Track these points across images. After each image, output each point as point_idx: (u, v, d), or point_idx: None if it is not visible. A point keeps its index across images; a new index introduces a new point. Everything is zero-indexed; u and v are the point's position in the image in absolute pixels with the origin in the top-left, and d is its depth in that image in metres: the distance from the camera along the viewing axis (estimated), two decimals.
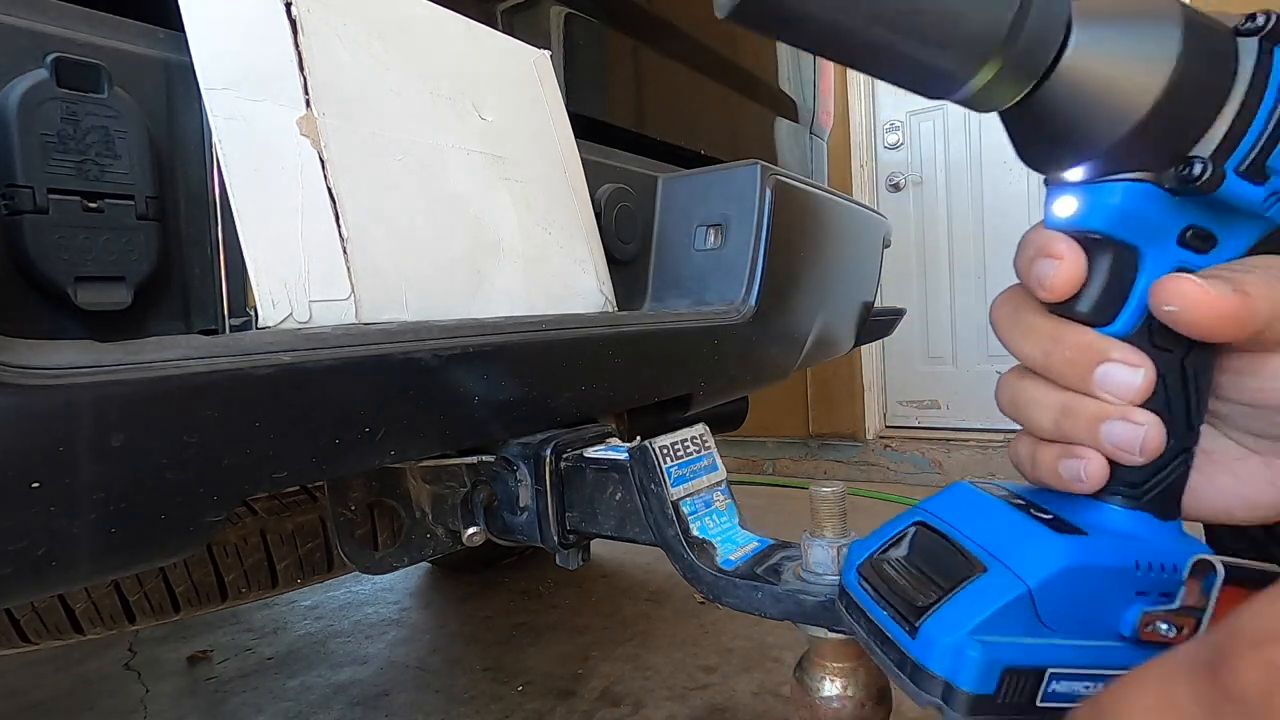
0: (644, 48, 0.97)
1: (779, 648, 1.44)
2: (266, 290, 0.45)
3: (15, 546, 0.32)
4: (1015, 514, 0.31)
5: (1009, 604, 0.28)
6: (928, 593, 0.30)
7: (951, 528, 0.32)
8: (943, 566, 0.31)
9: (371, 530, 0.66)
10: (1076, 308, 0.30)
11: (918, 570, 0.32)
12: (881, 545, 0.35)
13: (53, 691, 1.45)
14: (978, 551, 0.30)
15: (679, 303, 0.89)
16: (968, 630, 0.28)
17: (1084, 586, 0.29)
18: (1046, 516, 0.31)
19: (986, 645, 0.27)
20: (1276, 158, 0.26)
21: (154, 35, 0.45)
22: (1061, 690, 0.28)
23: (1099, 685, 0.28)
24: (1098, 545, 0.29)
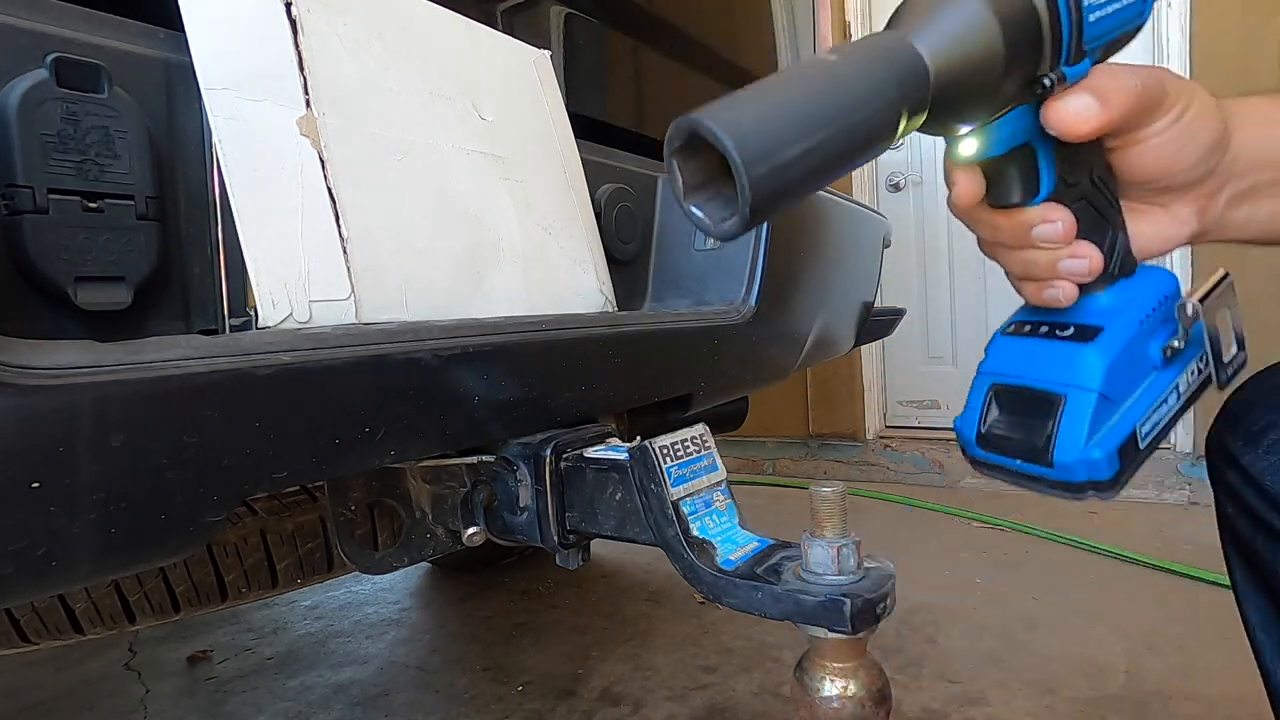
0: (644, 48, 0.97)
1: (779, 648, 1.44)
2: (266, 290, 0.45)
3: (15, 546, 0.32)
4: (1051, 344, 0.42)
5: (1094, 410, 0.39)
6: (1039, 434, 0.41)
7: (1018, 378, 0.43)
8: (1034, 410, 0.41)
9: (371, 530, 0.66)
10: (1010, 200, 0.40)
11: (1019, 421, 0.42)
12: (980, 417, 0.44)
13: (53, 691, 1.44)
14: (1050, 386, 0.41)
15: (679, 303, 0.89)
16: (1083, 444, 0.39)
17: (1123, 361, 0.40)
18: (1069, 332, 0.41)
19: (1100, 444, 0.39)
20: (1086, 38, 0.35)
21: (154, 35, 0.45)
22: (1147, 429, 0.41)
23: (1165, 407, 0.42)
24: (1115, 330, 0.40)
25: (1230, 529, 0.55)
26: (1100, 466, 0.39)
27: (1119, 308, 0.41)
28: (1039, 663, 1.34)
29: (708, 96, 0.31)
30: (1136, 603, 1.58)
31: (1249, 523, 0.52)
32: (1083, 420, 0.39)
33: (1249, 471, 0.51)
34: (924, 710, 1.20)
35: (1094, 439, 0.39)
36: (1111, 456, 0.39)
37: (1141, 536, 2.00)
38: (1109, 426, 0.40)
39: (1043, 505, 2.37)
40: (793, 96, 0.30)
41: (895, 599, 0.43)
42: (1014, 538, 2.08)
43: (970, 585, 1.73)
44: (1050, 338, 0.42)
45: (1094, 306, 0.42)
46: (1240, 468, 0.52)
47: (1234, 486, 0.53)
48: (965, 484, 2.66)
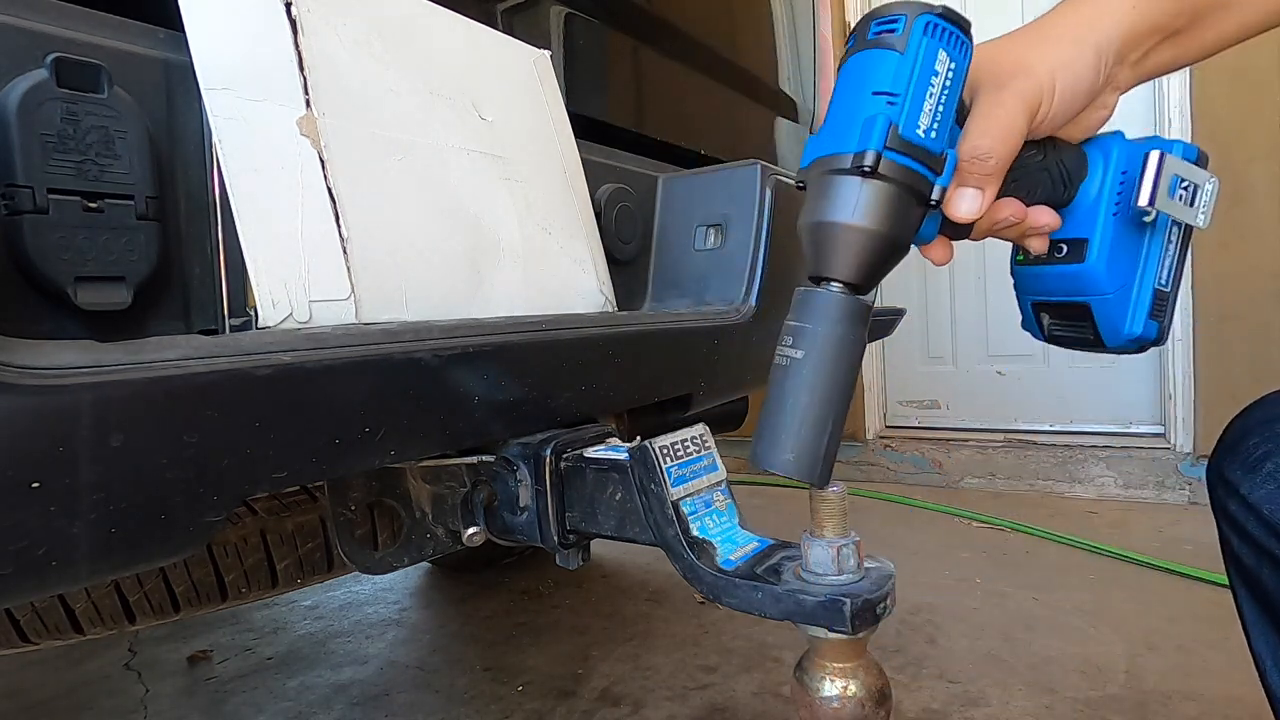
0: (644, 48, 0.97)
1: (779, 648, 1.44)
2: (266, 290, 0.45)
3: (15, 546, 0.32)
4: (1056, 268, 0.50)
5: (1115, 305, 0.48)
6: (1087, 331, 0.50)
7: (1048, 296, 0.51)
8: (1073, 315, 0.50)
9: (371, 530, 0.66)
10: (966, 234, 0.47)
11: (1068, 324, 0.51)
12: (1038, 326, 0.54)
13: (53, 691, 1.44)
14: (1073, 298, 0.49)
15: (679, 303, 0.89)
16: (1123, 330, 0.48)
17: (1117, 253, 0.47)
18: (1064, 253, 0.49)
19: (1134, 322, 0.48)
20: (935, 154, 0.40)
21: (154, 35, 0.45)
22: (1165, 277, 0.49)
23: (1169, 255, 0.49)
24: (1098, 236, 0.47)
25: (1235, 560, 0.55)
26: (1144, 334, 0.48)
27: (1091, 208, 0.48)
28: (1039, 663, 1.34)
29: (707, 96, 0.32)
30: (1136, 603, 1.58)
31: (1252, 553, 0.52)
32: (1111, 315, 0.48)
33: (1249, 500, 0.51)
34: (924, 710, 1.20)
35: (1128, 322, 0.48)
36: (1148, 323, 0.48)
37: (1141, 536, 2.00)
38: (1134, 303, 0.48)
39: (1043, 505, 2.37)
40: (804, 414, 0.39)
41: (895, 599, 0.43)
42: (1014, 538, 2.08)
43: (970, 585, 1.73)
44: (1053, 262, 0.50)
45: (1073, 218, 0.48)
46: (1240, 497, 0.52)
47: (1236, 517, 0.53)
48: (965, 484, 2.66)
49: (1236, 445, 0.54)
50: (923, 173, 0.39)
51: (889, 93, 0.39)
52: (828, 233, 0.40)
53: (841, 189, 0.40)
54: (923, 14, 0.39)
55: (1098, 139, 0.49)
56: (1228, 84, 2.17)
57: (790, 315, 0.41)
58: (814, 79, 1.41)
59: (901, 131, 0.38)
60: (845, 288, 0.40)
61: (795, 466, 0.39)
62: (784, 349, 0.41)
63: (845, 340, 0.40)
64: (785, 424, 0.40)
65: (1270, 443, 0.51)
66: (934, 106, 0.39)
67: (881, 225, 0.39)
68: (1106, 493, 2.43)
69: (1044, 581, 1.73)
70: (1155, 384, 2.46)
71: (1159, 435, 2.44)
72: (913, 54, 0.39)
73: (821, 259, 0.41)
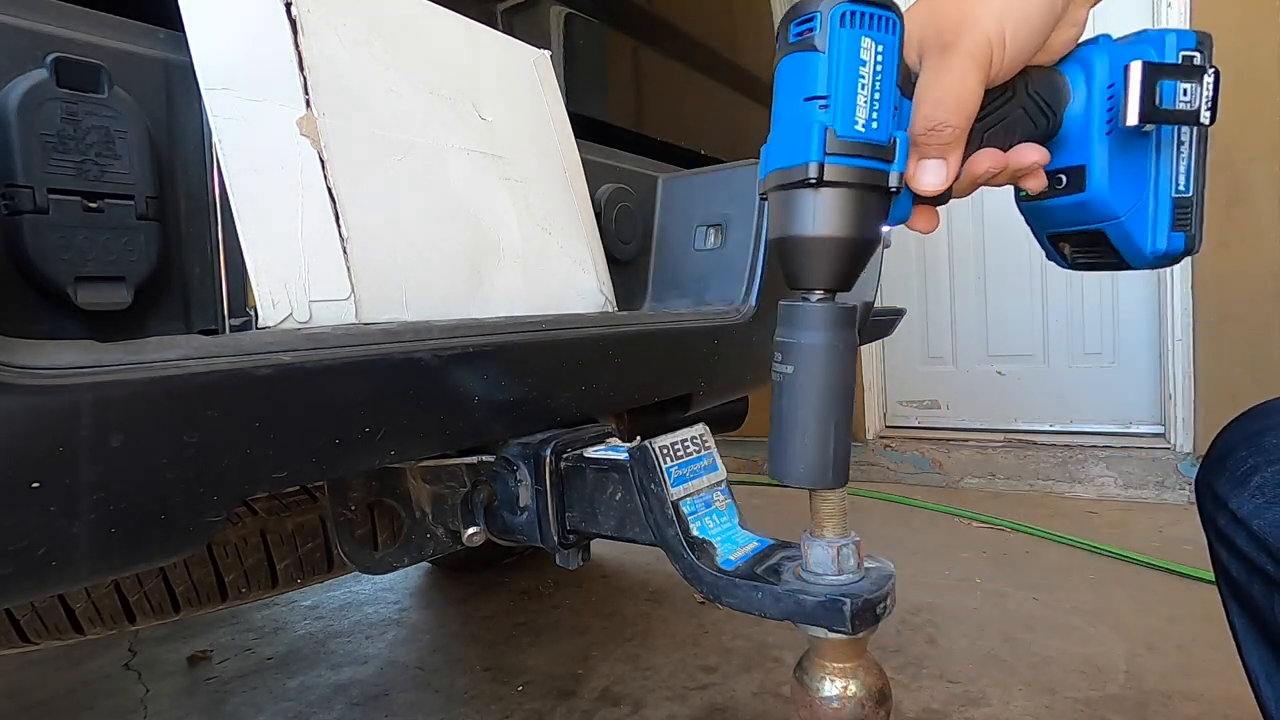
0: (644, 48, 0.97)
1: (779, 648, 1.44)
2: (266, 290, 0.45)
3: (15, 546, 0.32)
4: (1061, 201, 0.47)
5: (1130, 227, 0.46)
6: (1111, 255, 0.48)
7: (1062, 227, 0.49)
8: (1094, 241, 0.48)
9: (371, 530, 0.66)
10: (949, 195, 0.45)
11: (1091, 249, 0.49)
12: (1060, 256, 0.52)
13: (53, 691, 1.44)
14: (1088, 227, 0.48)
15: (679, 303, 0.89)
16: (1147, 248, 0.46)
17: (1119, 172, 0.45)
18: (1064, 184, 0.46)
19: (1156, 238, 0.46)
20: (885, 143, 0.39)
21: (154, 35, 0.45)
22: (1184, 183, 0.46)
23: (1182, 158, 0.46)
24: (1093, 159, 0.45)
25: (1225, 574, 0.55)
26: (1170, 249, 0.46)
27: (1082, 132, 0.45)
28: (1039, 663, 1.34)
29: (707, 96, 0.32)
30: (1136, 603, 1.58)
31: (1242, 567, 0.52)
32: (1129, 237, 0.46)
33: (1237, 515, 0.51)
34: (924, 710, 1.20)
35: (1149, 240, 0.46)
36: (1172, 236, 0.46)
37: (1141, 536, 2.00)
38: (1152, 219, 0.46)
39: (1043, 505, 2.37)
40: (804, 426, 0.40)
41: (895, 599, 0.43)
42: (1014, 538, 2.07)
43: (970, 585, 1.73)
44: (1056, 196, 0.47)
45: (1065, 146, 0.46)
46: (1229, 511, 0.52)
47: (1224, 530, 0.53)
48: (965, 484, 2.66)
49: (1224, 459, 0.54)
50: (873, 166, 0.39)
51: (819, 96, 0.38)
52: (793, 246, 0.40)
53: (796, 203, 0.39)
54: (836, 6, 0.37)
55: (1076, 54, 0.45)
56: (1228, 84, 2.16)
57: (777, 330, 0.41)
58: None
59: (839, 133, 0.37)
60: (824, 294, 0.41)
61: (807, 476, 0.40)
62: (776, 365, 0.41)
63: (831, 347, 0.40)
64: (790, 438, 0.41)
65: (1257, 456, 0.51)
66: (868, 98, 0.38)
67: (842, 230, 0.39)
68: (1106, 493, 2.43)
69: (1044, 581, 1.73)
70: (1155, 384, 2.46)
71: (1159, 435, 2.44)
72: (835, 50, 0.37)
73: (793, 272, 0.41)
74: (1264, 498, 0.49)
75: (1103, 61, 0.44)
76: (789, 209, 0.40)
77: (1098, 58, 0.44)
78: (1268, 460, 0.50)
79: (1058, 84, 0.45)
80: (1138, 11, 2.40)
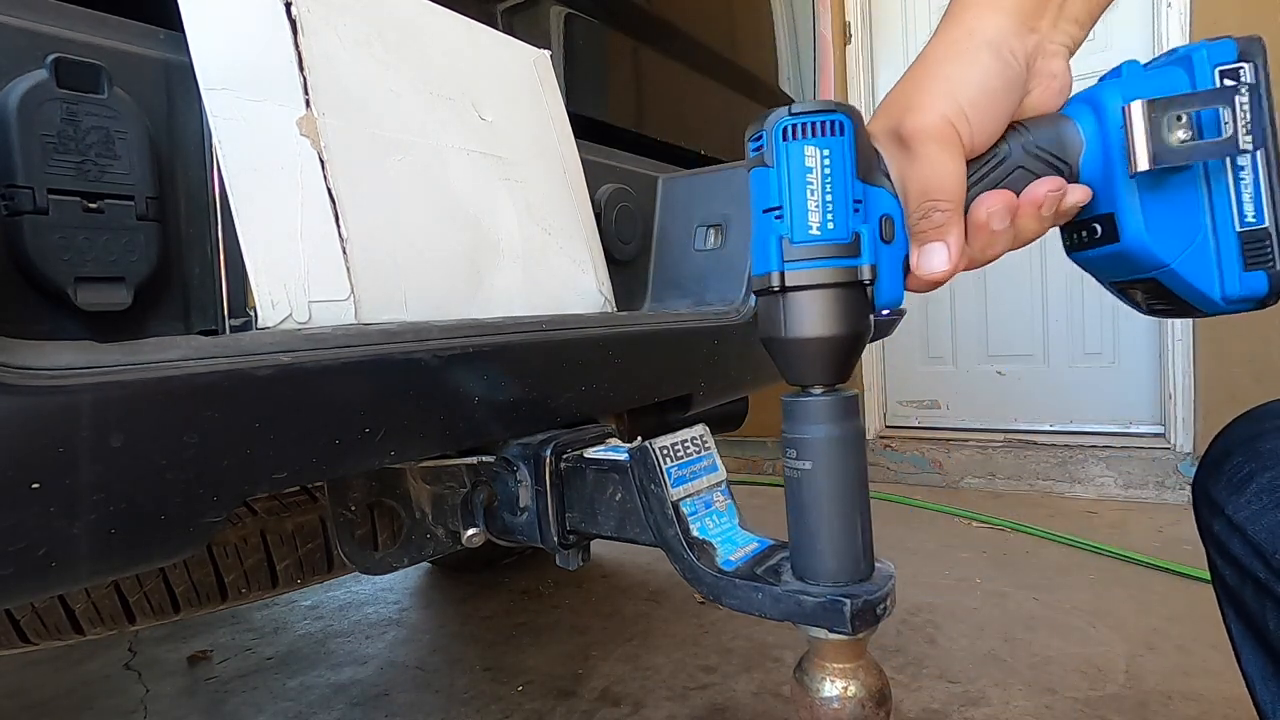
0: (644, 48, 0.97)
1: (779, 648, 1.44)
2: (266, 291, 0.45)
3: (15, 546, 0.32)
4: (1100, 252, 0.44)
5: (1186, 274, 0.41)
6: (1178, 303, 0.43)
7: (1114, 278, 0.46)
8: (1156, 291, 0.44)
9: (371, 530, 0.66)
10: None
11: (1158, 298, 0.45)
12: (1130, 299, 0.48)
13: (53, 691, 1.44)
14: (1140, 275, 0.43)
15: (679, 303, 0.89)
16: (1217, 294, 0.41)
17: (1159, 214, 0.40)
18: (1099, 235, 0.43)
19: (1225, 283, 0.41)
20: None
21: (154, 35, 0.45)
22: (1252, 215, 0.40)
23: (1243, 184, 0.40)
24: (1122, 206, 0.41)
25: (1220, 580, 0.55)
26: (1247, 292, 0.40)
27: (1104, 179, 0.41)
28: (1039, 663, 1.34)
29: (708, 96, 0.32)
30: (1136, 603, 1.58)
31: (1236, 573, 0.52)
32: (1188, 284, 0.41)
33: (1233, 520, 0.51)
34: (924, 710, 1.20)
35: (1215, 285, 0.40)
36: (1246, 277, 0.40)
37: (1141, 536, 2.00)
38: (1215, 262, 0.40)
39: (1042, 505, 2.37)
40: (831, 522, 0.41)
41: (895, 599, 0.43)
42: (1014, 538, 2.07)
43: (970, 585, 1.73)
44: (1094, 246, 0.43)
45: (1091, 187, 0.42)
46: (1225, 517, 0.52)
47: (1220, 537, 0.53)
48: (965, 484, 2.66)
49: (1220, 464, 0.53)
50: (837, 264, 0.39)
51: (775, 208, 0.40)
52: (776, 348, 0.41)
53: (770, 309, 0.41)
54: (778, 122, 0.39)
55: (1086, 93, 0.42)
56: None
57: (785, 426, 0.42)
58: (814, 79, 1.41)
59: (794, 240, 0.39)
60: (824, 389, 0.41)
61: (841, 574, 0.41)
62: (791, 462, 0.41)
63: (846, 439, 0.40)
64: (818, 535, 0.41)
65: (1254, 461, 0.51)
66: (819, 202, 0.39)
67: (816, 330, 0.40)
68: (1106, 493, 2.43)
69: (1044, 581, 1.73)
70: (1155, 384, 2.46)
71: (1159, 435, 2.44)
72: (780, 163, 0.39)
73: (788, 370, 0.42)
74: (1260, 504, 0.49)
75: (1115, 99, 0.40)
76: (766, 314, 0.41)
77: (1109, 96, 0.40)
78: (1264, 466, 0.50)
79: (1063, 132, 0.42)
80: (1138, 11, 2.40)
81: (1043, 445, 2.55)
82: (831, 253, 0.39)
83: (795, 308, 0.40)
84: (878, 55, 2.93)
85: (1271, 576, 0.48)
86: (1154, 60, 0.42)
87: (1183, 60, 0.40)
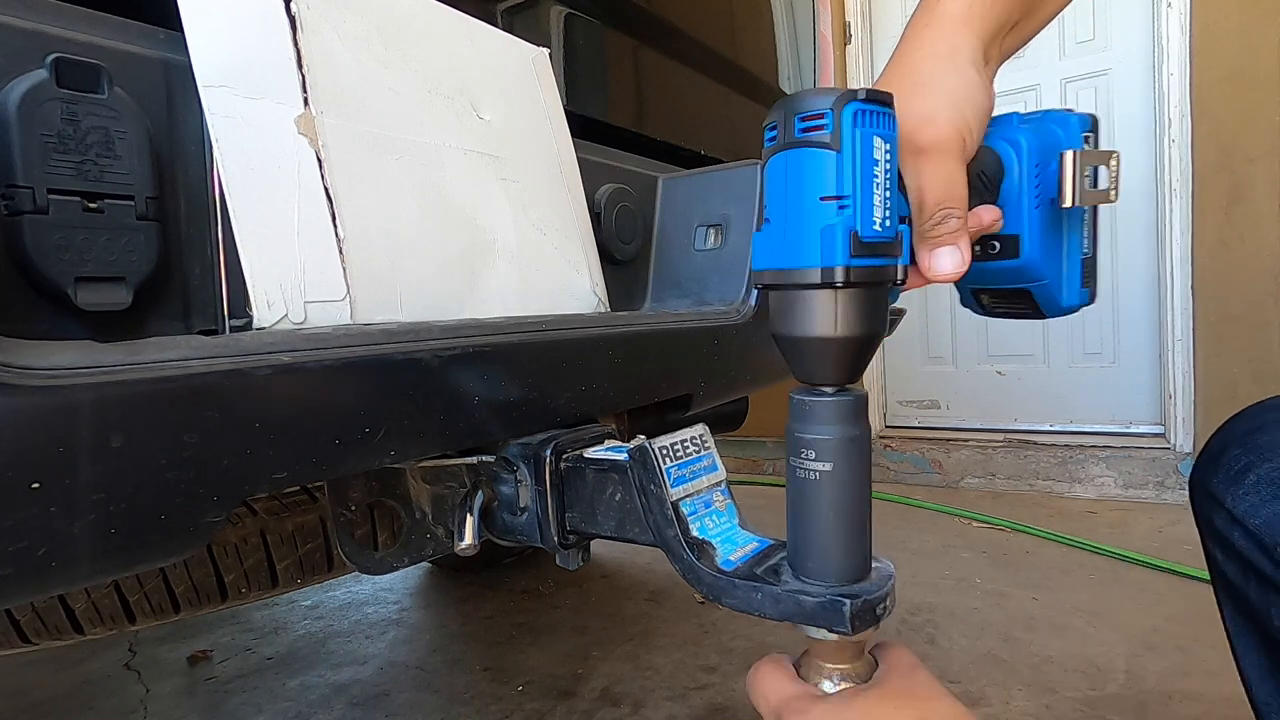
0: (644, 48, 0.97)
1: (779, 648, 1.44)
2: (262, 291, 0.45)
3: (15, 546, 0.32)
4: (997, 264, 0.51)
5: (1051, 288, 0.51)
6: (1030, 307, 0.53)
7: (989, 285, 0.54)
8: (1017, 298, 0.53)
9: (371, 530, 0.66)
10: None
11: (1012, 303, 0.54)
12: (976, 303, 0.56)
13: (53, 691, 1.44)
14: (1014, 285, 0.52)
15: (679, 303, 0.89)
16: (1062, 303, 0.52)
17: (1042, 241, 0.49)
18: (997, 250, 0.50)
19: (1070, 295, 0.52)
20: None
21: (154, 35, 0.45)
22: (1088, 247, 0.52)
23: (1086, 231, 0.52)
24: (1026, 230, 0.49)
25: (1220, 575, 0.55)
26: (1080, 302, 0.52)
27: (1015, 204, 0.49)
28: (1039, 663, 1.34)
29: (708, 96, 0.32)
30: (1136, 603, 1.58)
31: (1238, 568, 0.52)
32: (1049, 295, 0.51)
33: (1233, 513, 0.51)
34: None
35: (1065, 296, 0.51)
36: (1081, 292, 0.52)
37: (1141, 536, 2.00)
38: (1067, 279, 0.51)
39: (1043, 505, 2.37)
40: (851, 523, 0.41)
41: (895, 599, 0.43)
42: (1014, 538, 2.07)
43: (970, 585, 1.73)
44: (991, 259, 0.51)
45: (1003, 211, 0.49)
46: (1225, 510, 0.52)
47: (1220, 530, 0.53)
48: (965, 484, 2.66)
49: (1218, 458, 0.54)
50: (886, 264, 0.39)
51: (837, 196, 0.37)
52: (813, 347, 0.40)
53: (816, 305, 0.39)
54: (849, 103, 0.37)
55: (1004, 132, 0.49)
56: (1228, 84, 2.17)
57: (797, 425, 0.41)
58: (814, 79, 1.41)
59: (862, 236, 0.37)
60: (840, 390, 0.41)
61: (848, 574, 0.41)
62: (806, 462, 0.41)
63: (862, 440, 0.41)
64: (830, 537, 0.41)
65: (1252, 454, 0.51)
66: (883, 198, 0.38)
67: (862, 329, 0.39)
68: (1106, 493, 2.43)
69: (1044, 581, 1.73)
70: (1155, 384, 2.46)
71: (1159, 435, 2.44)
72: (850, 150, 0.37)
73: (810, 370, 0.41)
74: (1259, 495, 0.49)
75: (1029, 140, 0.48)
76: (808, 309, 0.39)
77: (1024, 137, 0.48)
78: (1262, 458, 0.50)
79: (995, 160, 0.49)
80: (1138, 11, 2.40)
81: (1043, 445, 2.55)
82: (885, 251, 0.39)
83: (849, 305, 0.38)
84: (878, 55, 2.93)
85: (1275, 570, 0.48)
86: (1032, 115, 0.50)
87: (1060, 121, 0.49)
